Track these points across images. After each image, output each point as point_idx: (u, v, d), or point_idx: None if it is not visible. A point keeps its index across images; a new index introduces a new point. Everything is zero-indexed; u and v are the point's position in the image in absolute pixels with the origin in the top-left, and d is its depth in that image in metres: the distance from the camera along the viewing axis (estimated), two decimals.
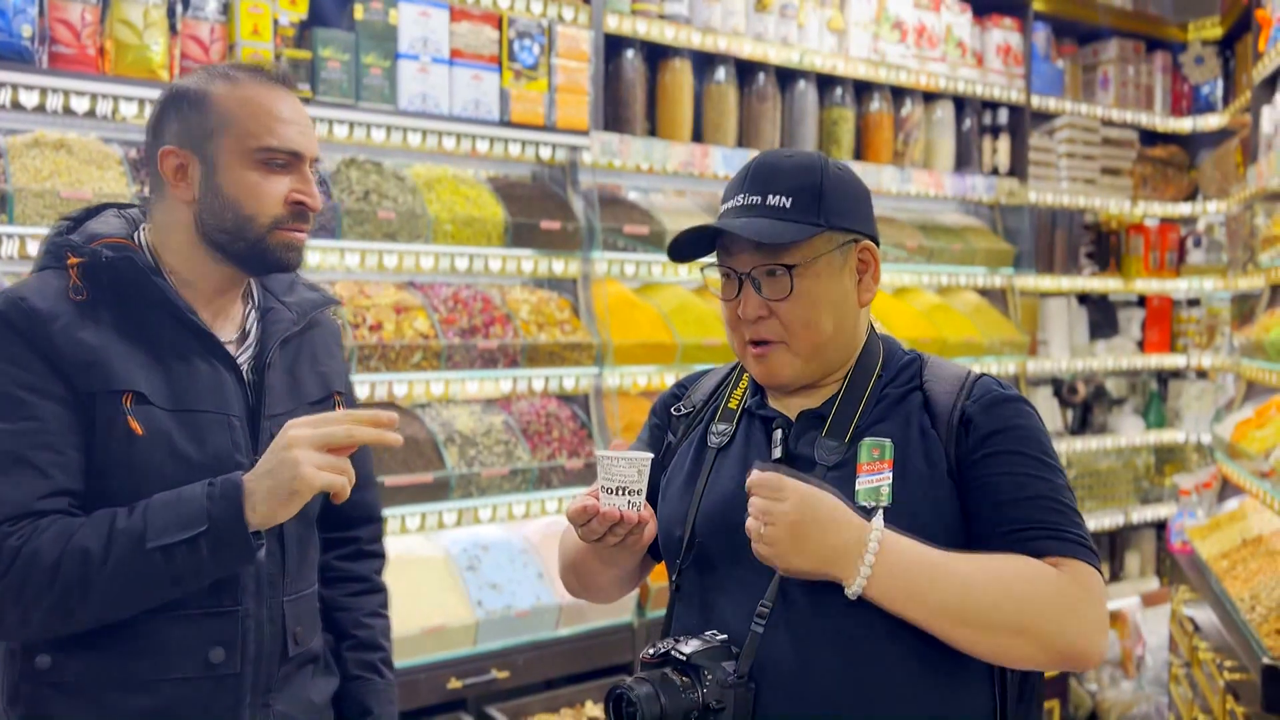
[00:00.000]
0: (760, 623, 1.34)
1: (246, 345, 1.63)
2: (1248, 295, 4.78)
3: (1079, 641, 1.28)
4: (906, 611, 1.28)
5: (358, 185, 2.99)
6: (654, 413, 1.65)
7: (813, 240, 1.41)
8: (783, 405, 1.50)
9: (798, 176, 1.42)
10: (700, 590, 1.45)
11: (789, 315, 1.41)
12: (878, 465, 1.35)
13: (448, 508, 2.97)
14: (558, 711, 2.97)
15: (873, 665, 1.34)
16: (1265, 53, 4.22)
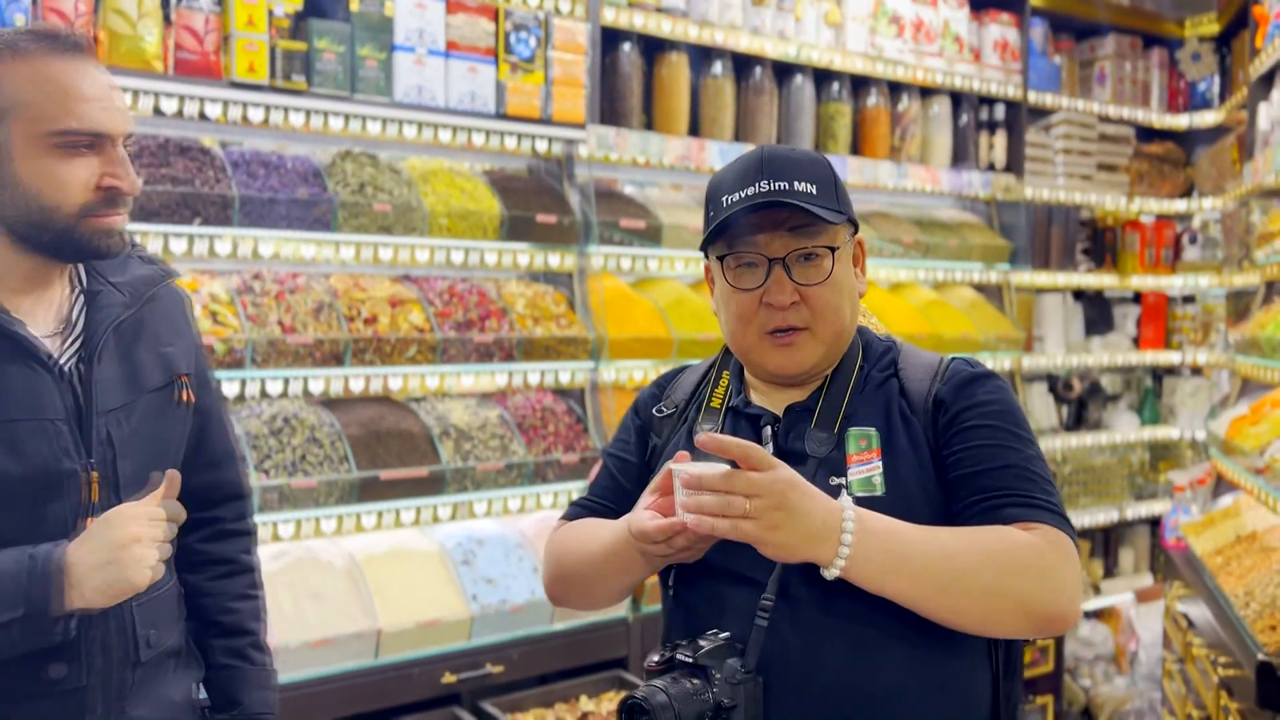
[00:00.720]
0: (764, 617, 1.33)
1: (72, 336, 1.48)
2: (1243, 292, 4.79)
3: (1058, 603, 1.29)
4: (887, 588, 1.27)
5: (353, 178, 2.97)
6: (636, 413, 1.63)
7: (839, 228, 1.43)
8: (768, 401, 1.49)
9: (815, 166, 1.43)
10: (698, 592, 1.44)
11: (820, 300, 1.41)
12: (866, 455, 1.35)
13: (442, 502, 2.96)
14: (552, 706, 2.96)
15: (878, 649, 1.34)
16: (1262, 49, 4.22)
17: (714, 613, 1.40)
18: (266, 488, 2.65)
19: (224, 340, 2.63)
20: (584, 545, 1.50)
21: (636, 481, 1.55)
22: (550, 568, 1.58)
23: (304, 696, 2.62)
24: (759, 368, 1.47)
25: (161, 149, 2.73)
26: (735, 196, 1.41)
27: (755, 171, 1.41)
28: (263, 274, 2.88)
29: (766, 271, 1.41)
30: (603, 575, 1.49)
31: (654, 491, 1.36)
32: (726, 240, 1.43)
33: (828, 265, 1.41)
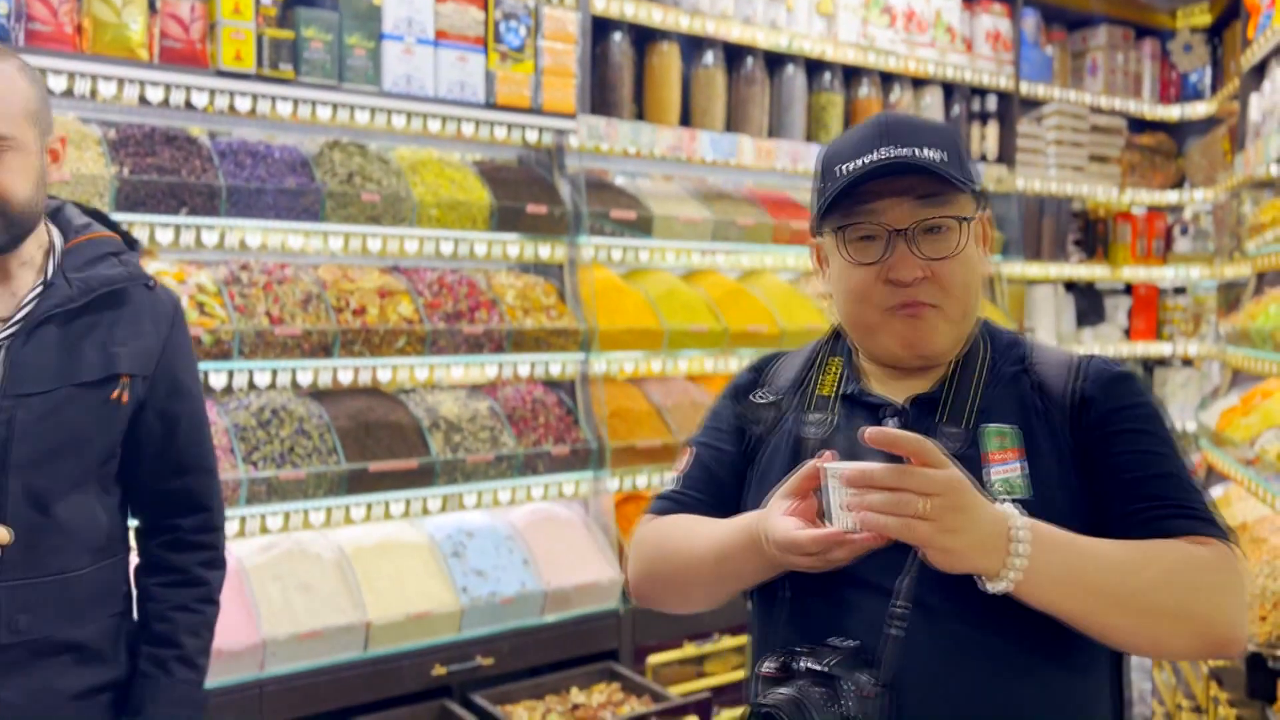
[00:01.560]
0: (899, 626, 1.21)
1: (13, 320, 1.52)
2: (1234, 283, 4.79)
3: (1235, 626, 1.18)
4: (1058, 604, 1.15)
5: (341, 168, 2.95)
6: (733, 401, 1.49)
7: (968, 199, 1.31)
8: (888, 390, 1.36)
9: (941, 133, 1.31)
10: (815, 595, 1.31)
11: (950, 275, 1.28)
12: (1006, 454, 1.24)
13: (432, 494, 2.94)
14: (543, 698, 2.96)
15: (1016, 667, 1.24)
16: (1254, 40, 4.21)
17: (837, 619, 1.28)
18: (255, 480, 2.63)
19: (211, 331, 2.61)
20: (687, 545, 1.38)
21: (733, 473, 1.43)
22: (642, 565, 1.45)
23: (293, 689, 2.61)
24: (882, 348, 1.34)
25: (147, 138, 2.70)
26: (853, 165, 1.28)
27: (876, 138, 1.29)
28: (250, 264, 2.86)
29: (887, 244, 1.28)
30: (706, 580, 1.36)
31: (790, 495, 1.23)
32: (844, 211, 1.30)
33: (957, 238, 1.28)
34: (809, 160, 4.01)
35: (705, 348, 3.60)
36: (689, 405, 3.58)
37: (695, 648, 3.33)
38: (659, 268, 3.81)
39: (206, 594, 1.72)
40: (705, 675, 3.36)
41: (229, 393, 2.82)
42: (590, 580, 3.10)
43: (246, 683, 2.55)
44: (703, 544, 1.35)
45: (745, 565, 1.28)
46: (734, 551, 1.29)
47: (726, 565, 1.31)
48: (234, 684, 2.54)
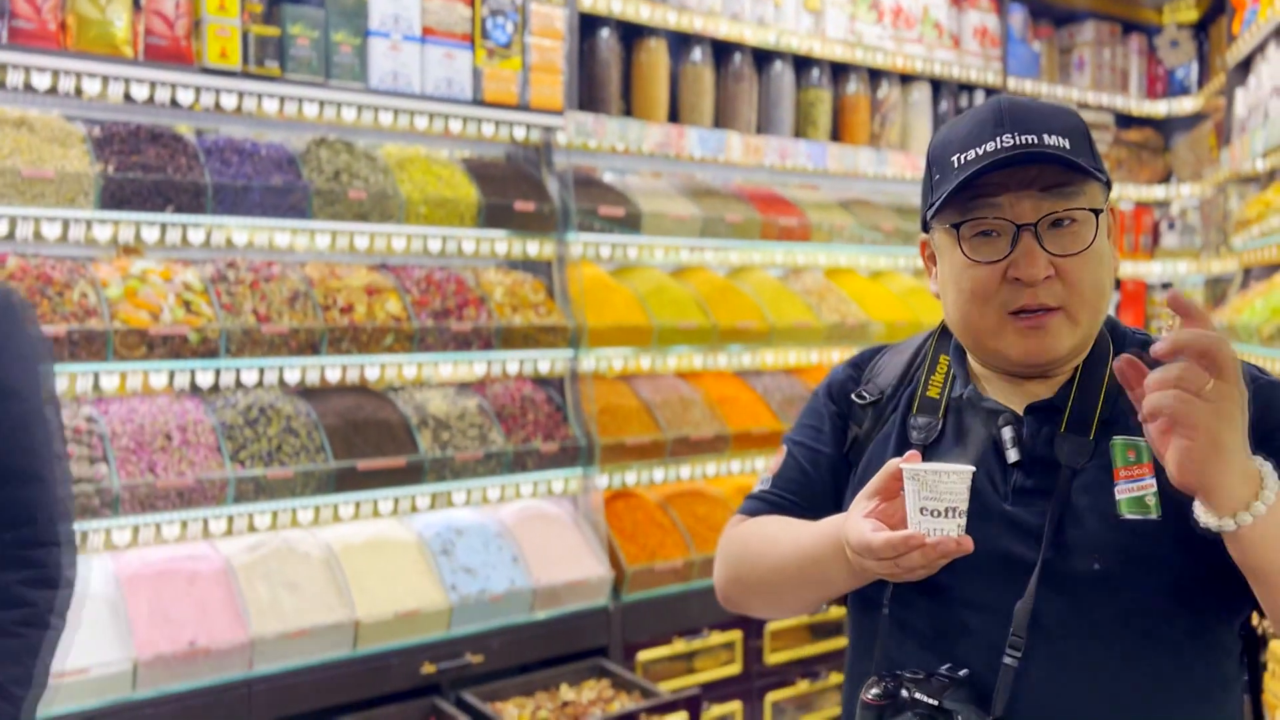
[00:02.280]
0: (1014, 655, 1.13)
1: None
2: (1220, 278, 4.81)
3: None
4: (1276, 564, 1.04)
5: (328, 165, 2.94)
6: (830, 398, 1.41)
7: (1097, 188, 1.21)
8: (1003, 395, 1.27)
9: (1064, 117, 1.21)
10: (923, 616, 1.23)
11: (1078, 274, 1.18)
12: (1137, 470, 1.13)
13: (421, 491, 2.94)
14: (532, 695, 2.96)
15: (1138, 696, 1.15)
16: (1239, 36, 4.23)
17: (944, 642, 1.20)
18: (242, 478, 2.63)
19: (198, 330, 2.60)
20: (774, 548, 1.32)
21: (829, 475, 1.37)
22: (729, 569, 1.39)
23: (281, 688, 2.61)
24: (998, 355, 1.24)
25: (132, 136, 2.69)
26: (970, 155, 1.18)
27: (994, 124, 1.19)
28: (237, 262, 2.85)
29: (1012, 240, 1.18)
30: (795, 585, 1.31)
31: (873, 496, 1.17)
32: (961, 205, 1.20)
33: (1088, 232, 1.18)
34: (797, 157, 4.02)
35: (694, 344, 3.60)
36: (678, 402, 3.58)
37: (685, 644, 3.33)
38: (648, 264, 3.81)
39: (30, 616, 1.54)
40: (695, 671, 3.37)
41: (216, 391, 2.81)
42: (580, 577, 3.10)
43: (234, 682, 2.55)
44: (789, 547, 1.29)
45: (831, 571, 1.22)
46: (820, 556, 1.23)
47: (812, 570, 1.25)
48: (222, 683, 2.53)
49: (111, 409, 2.64)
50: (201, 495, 2.58)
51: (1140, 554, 1.16)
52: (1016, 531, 1.20)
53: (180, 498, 2.55)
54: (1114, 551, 1.16)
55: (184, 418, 2.68)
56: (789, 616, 1.40)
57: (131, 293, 2.59)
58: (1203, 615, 1.18)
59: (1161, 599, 1.16)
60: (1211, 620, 1.18)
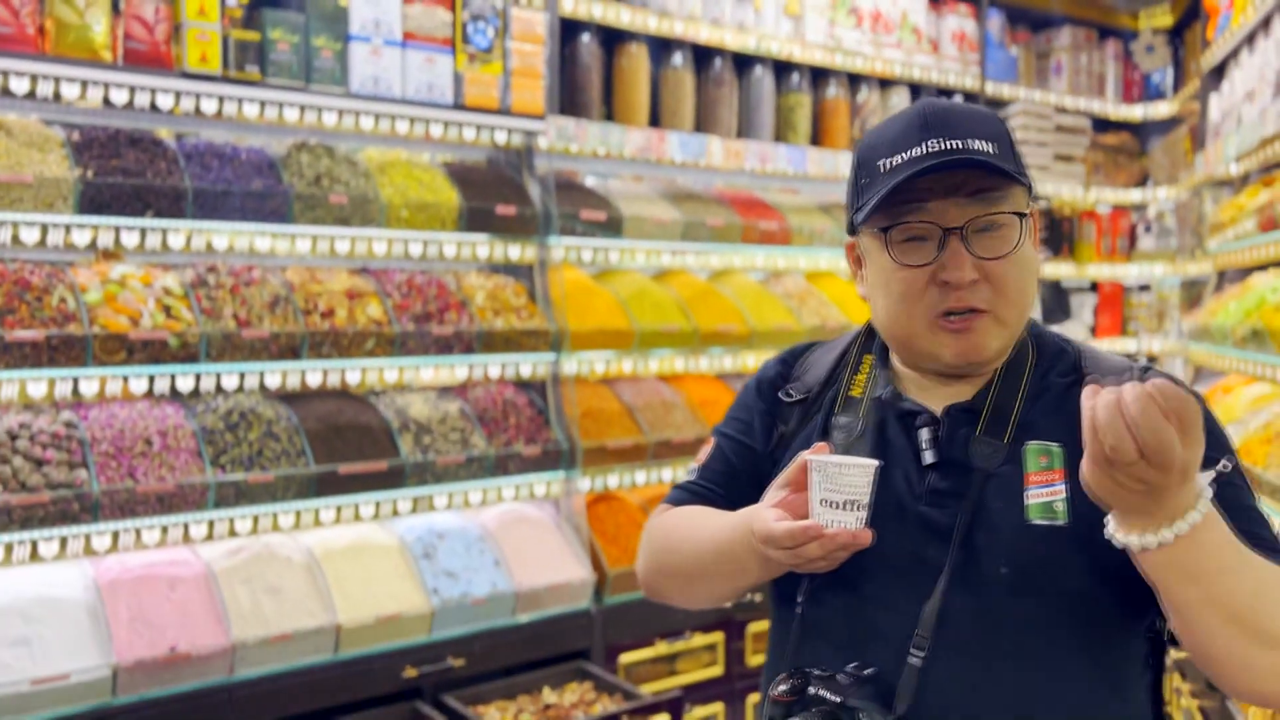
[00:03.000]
0: (918, 655, 1.14)
1: None
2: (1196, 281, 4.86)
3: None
4: (1181, 589, 1.03)
5: (308, 169, 2.94)
6: (759, 395, 1.42)
7: (1021, 192, 1.22)
8: (924, 396, 1.28)
9: (989, 122, 1.22)
10: (834, 614, 1.24)
11: (1005, 277, 1.19)
12: (1048, 475, 1.13)
13: (402, 495, 2.94)
14: (515, 698, 2.96)
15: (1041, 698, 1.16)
16: (1214, 41, 4.28)
17: (856, 640, 1.21)
18: (223, 483, 2.62)
19: (178, 334, 2.59)
20: (691, 538, 1.32)
21: (755, 469, 1.37)
22: (650, 558, 1.39)
23: (263, 693, 2.60)
24: (927, 357, 1.25)
25: (112, 140, 2.69)
26: (898, 159, 1.20)
27: (919, 129, 1.20)
28: (217, 267, 2.85)
29: (940, 244, 1.19)
30: (709, 575, 1.31)
31: (783, 486, 1.19)
32: (888, 210, 1.21)
33: (1013, 236, 1.20)
34: (778, 161, 4.04)
35: (676, 347, 3.61)
36: (660, 405, 3.59)
37: (667, 646, 3.34)
38: (629, 268, 3.82)
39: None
40: (677, 673, 3.38)
41: (196, 396, 2.81)
42: (562, 580, 3.11)
43: (215, 687, 2.54)
44: (705, 537, 1.29)
45: (743, 561, 1.22)
46: (732, 546, 1.23)
47: (726, 560, 1.25)
48: (202, 688, 2.53)
49: (91, 414, 2.63)
50: (182, 500, 2.57)
51: (1047, 560, 1.16)
52: (929, 533, 1.21)
53: (161, 503, 2.54)
54: (1022, 556, 1.17)
55: (164, 422, 2.67)
56: (706, 606, 1.39)
57: (111, 297, 2.59)
58: (1108, 620, 1.18)
59: (1067, 604, 1.17)
60: (1117, 625, 1.19)
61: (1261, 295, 3.33)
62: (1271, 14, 3.45)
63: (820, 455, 1.13)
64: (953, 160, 1.17)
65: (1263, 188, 3.63)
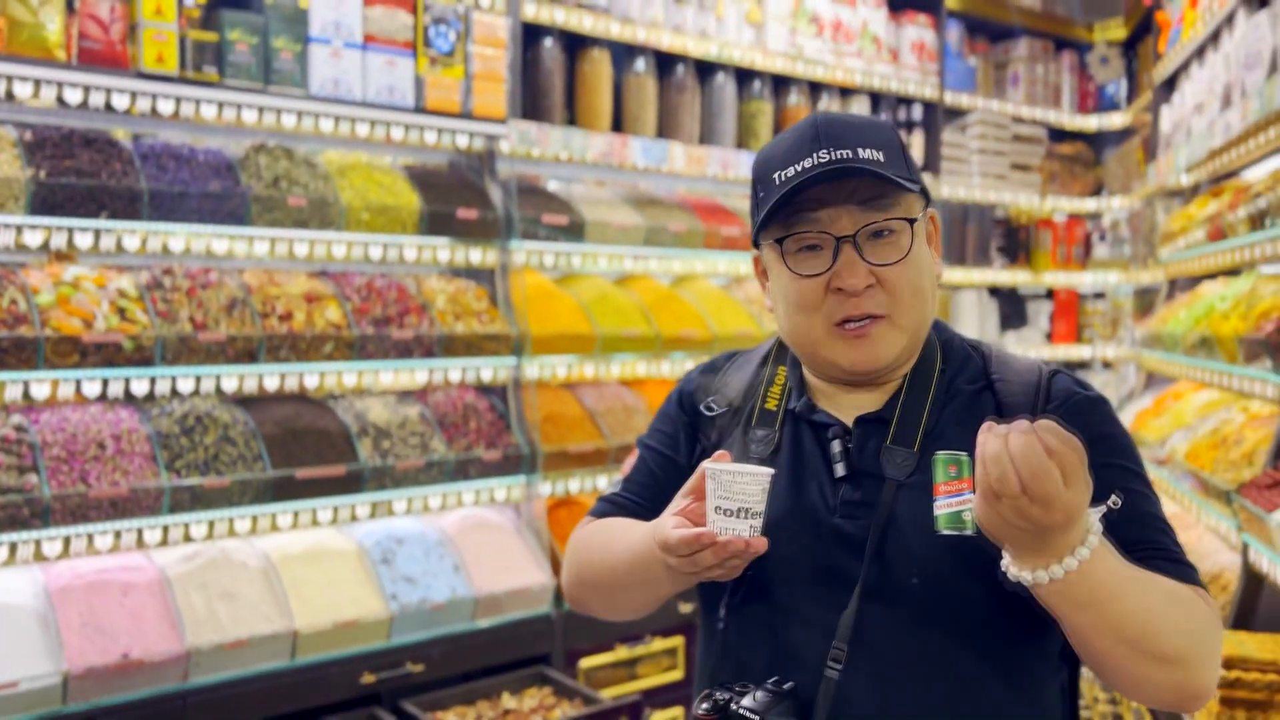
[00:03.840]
0: (835, 668, 1.15)
1: None
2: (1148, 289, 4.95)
3: (1213, 681, 1.12)
4: (1074, 616, 1.06)
5: (267, 171, 2.92)
6: (682, 409, 1.42)
7: (913, 198, 1.25)
8: (835, 406, 1.30)
9: (879, 131, 1.24)
10: (755, 628, 1.25)
11: (899, 282, 1.21)
12: (957, 484, 1.12)
13: (361, 500, 2.92)
14: (474, 704, 2.95)
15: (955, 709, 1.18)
16: (1165, 54, 4.37)
17: (777, 653, 1.22)
18: (178, 487, 2.59)
19: (132, 337, 2.56)
20: (609, 549, 1.32)
21: (678, 481, 1.33)
22: (572, 569, 1.40)
23: (218, 699, 2.58)
24: (829, 365, 1.27)
25: (65, 140, 2.65)
26: (790, 171, 1.21)
27: (810, 141, 1.22)
28: (173, 269, 2.82)
29: (834, 252, 1.21)
30: (625, 586, 1.31)
31: (687, 494, 1.19)
32: (783, 221, 1.23)
33: (906, 241, 1.22)
34: (739, 167, 4.06)
35: (638, 352, 3.62)
36: (622, 410, 3.60)
37: (627, 650, 3.35)
38: (591, 273, 3.83)
39: None
40: (638, 678, 3.38)
41: (151, 400, 2.77)
42: (522, 585, 3.10)
43: (169, 694, 2.51)
44: (621, 549, 1.30)
45: (655, 571, 1.22)
46: (645, 556, 1.23)
47: (640, 571, 1.25)
48: (156, 695, 2.49)
49: (42, 418, 2.59)
50: (136, 505, 2.54)
51: (957, 569, 1.17)
52: (843, 545, 1.22)
53: (114, 507, 2.51)
54: (932, 567, 1.18)
55: (118, 426, 2.64)
56: (626, 618, 1.40)
57: (64, 299, 2.55)
58: (1018, 627, 1.20)
59: (978, 612, 1.18)
60: (1026, 631, 1.20)
61: (1210, 304, 3.40)
62: (1220, 29, 3.53)
63: (716, 464, 1.13)
64: (840, 169, 1.19)
65: (1211, 198, 3.71)
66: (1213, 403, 3.55)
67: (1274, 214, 2.77)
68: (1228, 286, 3.47)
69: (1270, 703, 2.21)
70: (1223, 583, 2.89)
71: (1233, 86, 3.26)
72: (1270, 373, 2.61)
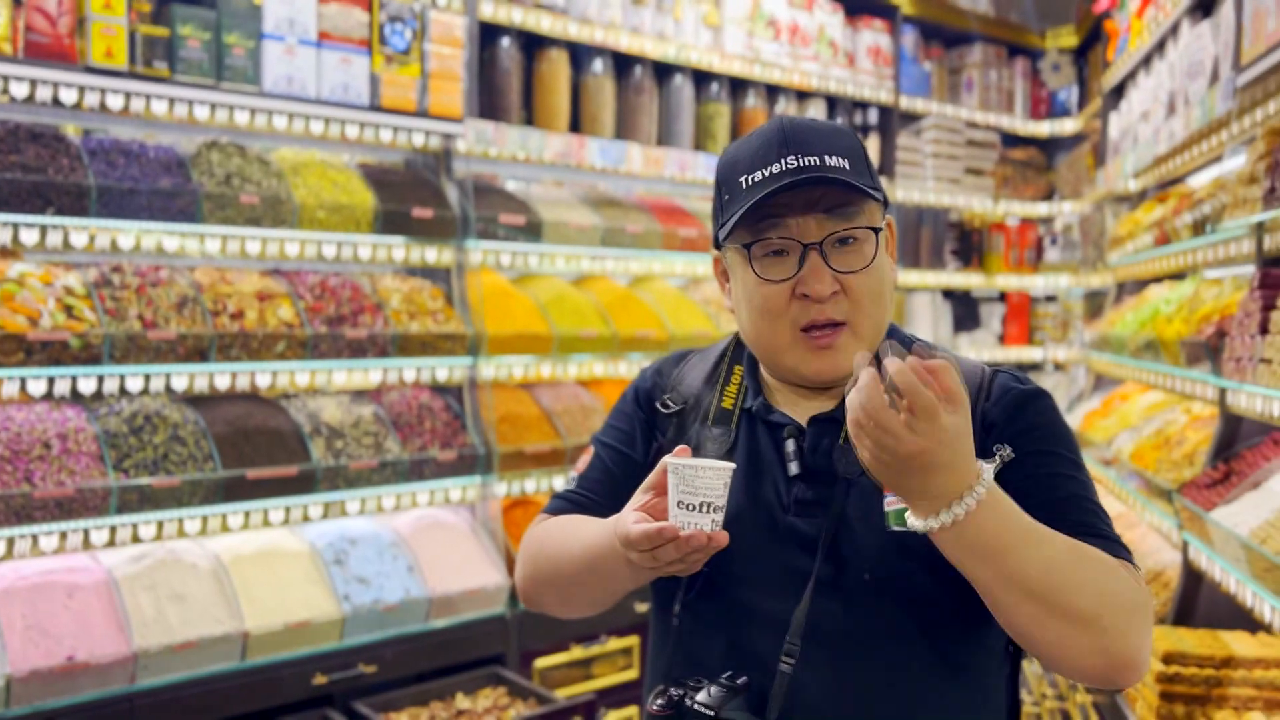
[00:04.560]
0: (789, 663, 1.17)
1: None
2: (1098, 292, 5.04)
3: (1140, 650, 1.11)
4: (975, 569, 1.09)
5: (219, 168, 2.89)
6: (636, 404, 1.44)
7: (875, 207, 1.27)
8: (791, 406, 1.32)
9: (843, 137, 1.26)
10: (710, 624, 1.27)
11: (861, 290, 1.24)
12: None
13: (313, 501, 2.90)
14: (427, 704, 2.94)
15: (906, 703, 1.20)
16: (1113, 62, 4.45)
17: (732, 650, 1.24)
18: (126, 487, 2.56)
19: (79, 335, 2.53)
20: (566, 546, 1.32)
21: (635, 478, 1.34)
22: (526, 567, 1.39)
23: (167, 701, 2.55)
24: (791, 372, 1.29)
25: (11, 135, 2.61)
26: (757, 176, 1.23)
27: (777, 146, 1.23)
28: (122, 266, 2.78)
29: (800, 259, 1.23)
30: (582, 582, 1.31)
31: (647, 490, 1.19)
32: (750, 226, 1.25)
33: (869, 249, 1.25)
34: (697, 169, 4.09)
35: (595, 352, 3.63)
36: (579, 410, 3.60)
37: (583, 650, 3.35)
38: (549, 273, 3.83)
39: None
40: (593, 677, 3.39)
41: (99, 398, 2.73)
42: (477, 586, 3.10)
43: (116, 696, 2.48)
44: (577, 545, 1.30)
45: (613, 567, 1.22)
46: (602, 552, 1.23)
47: (599, 566, 1.26)
48: (103, 698, 2.46)
49: None
50: (82, 505, 2.50)
51: (907, 565, 1.20)
52: (797, 542, 1.25)
53: (59, 508, 2.47)
54: (883, 562, 1.21)
55: (64, 425, 2.60)
56: (582, 614, 1.40)
57: (8, 296, 2.51)
58: (965, 619, 1.22)
59: (928, 607, 1.22)
60: (975, 624, 1.23)
61: (1155, 307, 3.47)
62: (1165, 38, 3.60)
63: (677, 458, 1.14)
64: (809, 178, 1.21)
65: (1158, 204, 3.79)
66: (1158, 404, 3.63)
67: (1215, 220, 2.84)
68: (1172, 290, 3.55)
69: (1208, 696, 2.27)
70: (1164, 580, 2.96)
71: (1177, 95, 3.33)
72: (1210, 375, 2.67)
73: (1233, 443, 2.73)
